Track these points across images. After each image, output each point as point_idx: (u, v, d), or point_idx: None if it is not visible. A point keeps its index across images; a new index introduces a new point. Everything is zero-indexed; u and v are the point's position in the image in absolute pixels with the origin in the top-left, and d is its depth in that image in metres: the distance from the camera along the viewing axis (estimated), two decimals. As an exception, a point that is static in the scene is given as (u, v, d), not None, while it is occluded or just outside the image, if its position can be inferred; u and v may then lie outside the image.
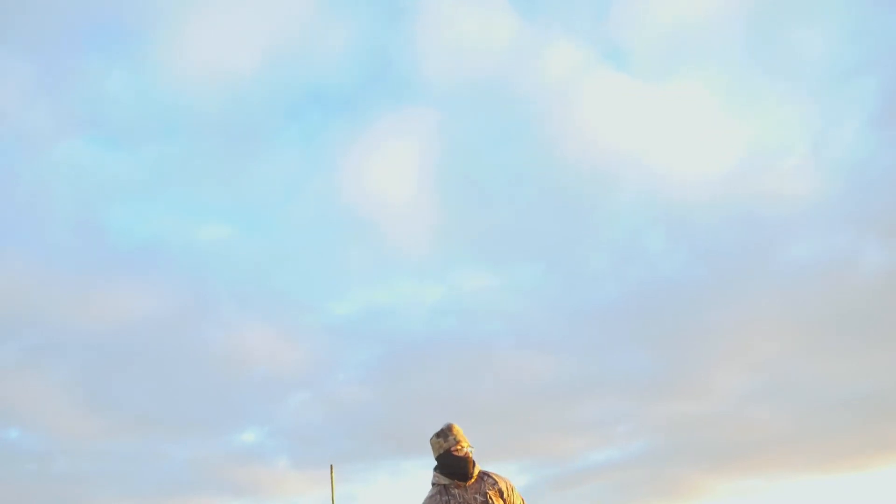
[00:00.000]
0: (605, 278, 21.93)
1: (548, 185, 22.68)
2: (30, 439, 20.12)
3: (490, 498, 3.88)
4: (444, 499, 3.85)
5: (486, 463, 4.17)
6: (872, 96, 20.89)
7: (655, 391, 20.66)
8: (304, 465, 19.45)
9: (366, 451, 19.84)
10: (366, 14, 23.62)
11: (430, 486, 4.00)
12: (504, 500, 3.94)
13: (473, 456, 3.93)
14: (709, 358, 20.73)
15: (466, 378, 21.52)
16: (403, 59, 23.52)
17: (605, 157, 22.28)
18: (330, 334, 22.24)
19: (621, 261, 22.16)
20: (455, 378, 21.46)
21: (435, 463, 3.97)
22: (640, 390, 20.66)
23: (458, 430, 3.95)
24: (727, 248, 20.92)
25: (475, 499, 3.87)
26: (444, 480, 3.89)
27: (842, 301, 19.55)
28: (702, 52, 23.26)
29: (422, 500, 3.95)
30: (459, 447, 3.87)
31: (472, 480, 3.91)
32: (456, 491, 3.87)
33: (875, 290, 19.16)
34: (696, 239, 21.50)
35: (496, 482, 3.95)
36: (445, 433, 3.92)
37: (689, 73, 23.62)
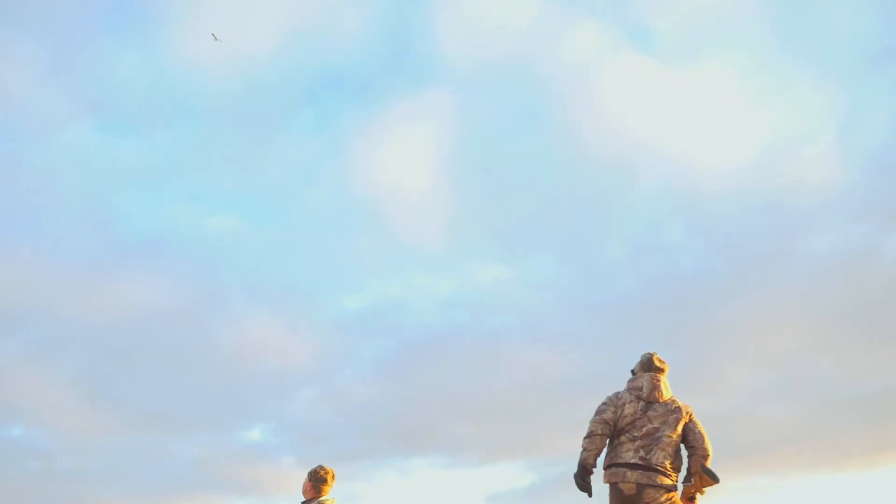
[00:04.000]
0: (621, 271, 21.52)
1: (565, 174, 22.28)
2: (33, 437, 19.91)
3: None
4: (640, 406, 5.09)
5: (494, 461, 4.18)
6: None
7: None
8: (309, 464, 19.11)
9: (373, 448, 19.52)
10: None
11: (435, 480, 3.92)
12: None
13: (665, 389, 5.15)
14: (723, 354, 20.31)
15: (477, 373, 21.17)
16: (422, 39, 23.10)
17: (625, 144, 21.87)
18: (340, 328, 21.96)
19: (639, 253, 21.73)
20: (466, 373, 21.11)
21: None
22: (653, 387, 20.18)
23: (662, 378, 5.14)
24: (747, 240, 20.45)
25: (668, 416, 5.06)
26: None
27: (862, 294, 19.07)
28: (728, 35, 22.76)
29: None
30: (659, 394, 5.09)
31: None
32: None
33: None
34: (716, 230, 21.04)
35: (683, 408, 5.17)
36: (649, 365, 5.21)
37: (714, 56, 23.11)
